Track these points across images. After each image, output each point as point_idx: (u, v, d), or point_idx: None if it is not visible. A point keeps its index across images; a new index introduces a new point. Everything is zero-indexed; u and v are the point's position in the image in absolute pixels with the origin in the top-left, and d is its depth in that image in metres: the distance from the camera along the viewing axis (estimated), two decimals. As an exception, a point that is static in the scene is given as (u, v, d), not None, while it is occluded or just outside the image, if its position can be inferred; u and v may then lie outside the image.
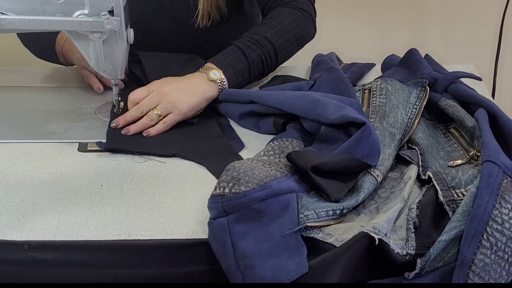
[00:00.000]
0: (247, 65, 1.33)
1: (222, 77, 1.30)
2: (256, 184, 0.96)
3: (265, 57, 1.35)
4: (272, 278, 0.91)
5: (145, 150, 1.17)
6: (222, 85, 1.30)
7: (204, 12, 1.41)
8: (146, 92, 1.26)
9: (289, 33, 1.39)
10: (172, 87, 1.26)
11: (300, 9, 1.44)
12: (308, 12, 1.45)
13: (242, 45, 1.34)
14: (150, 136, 1.22)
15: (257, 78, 1.38)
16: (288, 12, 1.42)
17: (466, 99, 1.18)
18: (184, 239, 0.97)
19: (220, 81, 1.29)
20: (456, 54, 2.49)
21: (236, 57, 1.33)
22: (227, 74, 1.30)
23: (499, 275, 0.92)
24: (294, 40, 1.40)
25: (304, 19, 1.43)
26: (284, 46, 1.38)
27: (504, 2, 2.24)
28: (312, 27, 1.46)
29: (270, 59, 1.36)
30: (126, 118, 1.24)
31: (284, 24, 1.39)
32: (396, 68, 1.31)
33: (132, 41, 1.19)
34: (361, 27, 2.46)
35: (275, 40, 1.36)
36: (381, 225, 0.93)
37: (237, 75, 1.32)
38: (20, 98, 1.35)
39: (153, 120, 1.23)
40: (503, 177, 0.95)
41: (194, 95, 1.26)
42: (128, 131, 1.22)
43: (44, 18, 1.11)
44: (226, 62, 1.32)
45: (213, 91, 1.29)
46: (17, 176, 1.10)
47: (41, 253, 0.95)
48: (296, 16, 1.42)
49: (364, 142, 1.05)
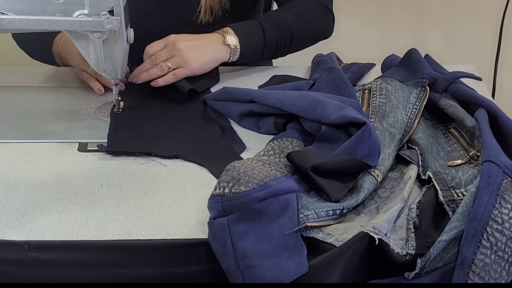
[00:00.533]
0: (262, 42, 1.39)
1: (236, 44, 1.36)
2: (256, 184, 0.96)
3: (281, 41, 1.41)
4: (272, 278, 0.91)
5: (146, 150, 1.16)
6: (234, 52, 1.36)
7: (207, 7, 1.42)
8: (162, 45, 1.33)
9: (309, 26, 1.44)
10: (186, 44, 1.33)
11: (325, 7, 1.49)
12: (331, 11, 1.50)
13: (264, 23, 1.39)
14: (158, 86, 1.30)
15: (266, 58, 1.44)
16: (313, 6, 1.47)
17: (466, 99, 1.18)
18: (184, 239, 0.97)
19: (234, 47, 1.36)
20: (456, 54, 2.49)
21: (255, 32, 1.39)
22: (242, 43, 1.36)
23: (499, 275, 0.92)
24: (311, 34, 1.46)
25: (325, 17, 1.49)
26: (300, 37, 1.43)
27: (504, 2, 2.23)
28: (331, 27, 1.51)
29: (284, 44, 1.42)
30: (140, 69, 1.33)
31: (307, 16, 1.44)
32: (396, 68, 1.31)
33: (132, 41, 1.19)
34: (361, 27, 2.46)
35: (294, 28, 1.42)
36: (381, 225, 0.93)
37: (250, 48, 1.38)
38: (20, 98, 1.35)
39: (163, 71, 1.32)
40: (503, 177, 0.95)
41: (206, 54, 1.34)
42: (139, 79, 1.31)
43: (44, 18, 1.11)
44: (244, 32, 1.38)
45: (225, 54, 1.36)
46: (17, 176, 1.10)
47: (41, 253, 0.95)
48: (319, 12, 1.47)
49: (365, 142, 1.05)
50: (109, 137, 1.19)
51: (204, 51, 1.34)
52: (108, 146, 1.17)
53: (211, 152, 1.17)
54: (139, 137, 1.21)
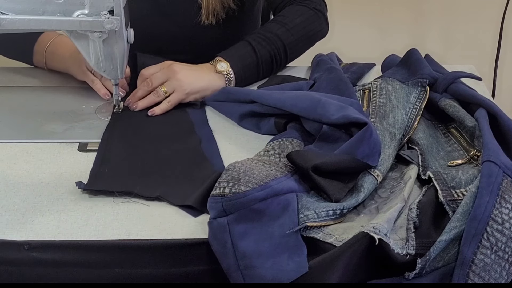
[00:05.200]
0: (255, 60, 1.37)
1: (229, 70, 1.34)
2: (256, 184, 0.96)
3: (274, 53, 1.39)
4: (272, 278, 0.91)
5: (127, 190, 1.05)
6: (229, 78, 1.35)
7: (209, 9, 1.41)
8: (158, 69, 1.33)
9: (300, 31, 1.43)
10: (182, 67, 1.33)
11: (313, 8, 1.47)
12: (321, 11, 1.49)
13: (252, 41, 1.38)
14: (155, 115, 1.28)
15: (266, 75, 1.42)
16: (300, 10, 1.46)
17: (466, 99, 1.18)
18: (184, 239, 0.97)
19: (226, 73, 1.34)
20: (456, 54, 2.49)
21: (245, 52, 1.37)
22: (234, 68, 1.35)
23: (499, 275, 0.92)
24: (304, 38, 1.44)
25: (316, 18, 1.47)
26: (294, 43, 1.42)
27: (504, 2, 2.24)
28: (324, 25, 1.50)
29: (279, 55, 1.40)
30: (136, 95, 1.31)
31: (295, 22, 1.43)
32: (396, 68, 1.31)
33: (132, 41, 1.19)
34: (361, 27, 2.46)
35: (285, 38, 1.40)
36: (381, 225, 0.93)
37: (245, 70, 1.36)
38: (20, 98, 1.35)
39: (160, 96, 1.30)
40: (503, 177, 0.95)
41: (201, 80, 1.32)
42: (136, 106, 1.29)
43: (44, 18, 1.11)
44: (234, 56, 1.36)
45: (220, 82, 1.34)
46: (17, 176, 1.10)
47: (41, 253, 0.95)
48: (308, 15, 1.46)
49: (366, 143, 1.05)
50: (91, 173, 1.10)
51: (199, 77, 1.32)
52: (88, 183, 1.07)
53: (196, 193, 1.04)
54: (123, 173, 1.10)
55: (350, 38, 2.37)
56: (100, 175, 1.10)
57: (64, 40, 1.39)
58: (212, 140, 1.21)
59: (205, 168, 1.11)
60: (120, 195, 1.05)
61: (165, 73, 1.31)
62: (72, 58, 1.35)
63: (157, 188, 1.06)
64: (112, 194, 1.05)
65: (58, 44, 1.39)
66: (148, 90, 1.30)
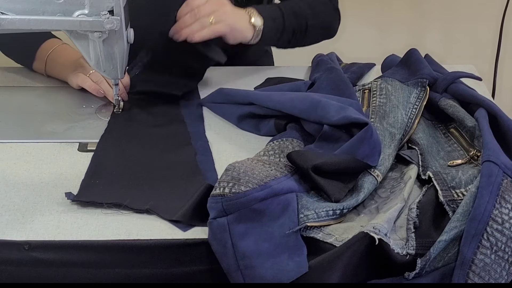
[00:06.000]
0: (282, 28, 1.39)
1: (261, 28, 1.35)
2: (256, 184, 0.96)
3: (297, 30, 1.41)
4: (272, 278, 0.91)
5: (117, 202, 1.03)
6: (257, 34, 1.35)
7: None
8: (204, 0, 1.30)
9: (321, 21, 1.46)
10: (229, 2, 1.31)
11: (334, 5, 1.50)
12: (339, 13, 1.51)
13: (284, 9, 1.40)
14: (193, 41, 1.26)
15: (280, 45, 1.44)
16: (325, 2, 1.48)
17: (466, 99, 1.18)
18: (184, 239, 0.97)
19: (258, 28, 1.34)
20: (456, 54, 2.49)
21: (276, 18, 1.38)
22: (265, 29, 1.35)
23: (499, 275, 0.92)
24: (323, 29, 1.47)
25: (335, 15, 1.51)
26: (313, 29, 1.44)
27: (504, 2, 2.24)
28: (337, 25, 1.53)
29: (300, 34, 1.42)
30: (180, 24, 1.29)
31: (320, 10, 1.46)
32: (396, 68, 1.31)
33: (132, 41, 1.19)
34: (361, 27, 2.46)
35: (310, 20, 1.43)
36: (381, 225, 0.93)
37: (270, 34, 1.38)
38: (20, 98, 1.35)
39: (204, 26, 1.27)
40: (503, 177, 0.96)
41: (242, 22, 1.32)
42: (180, 36, 1.27)
43: (44, 18, 1.11)
44: (269, 18, 1.37)
45: (249, 34, 1.35)
46: (17, 176, 1.10)
47: (41, 253, 0.95)
48: (330, 9, 1.49)
49: (366, 143, 1.05)
50: (82, 184, 1.08)
51: (242, 18, 1.32)
52: (78, 195, 1.05)
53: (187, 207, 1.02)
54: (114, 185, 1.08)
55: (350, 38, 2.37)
56: (91, 186, 1.07)
57: (66, 49, 1.39)
58: (208, 152, 1.17)
59: (197, 182, 1.07)
60: (109, 207, 1.02)
61: (213, 5, 1.30)
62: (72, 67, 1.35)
63: (147, 201, 1.03)
64: (101, 205, 1.02)
65: (60, 52, 1.38)
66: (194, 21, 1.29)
